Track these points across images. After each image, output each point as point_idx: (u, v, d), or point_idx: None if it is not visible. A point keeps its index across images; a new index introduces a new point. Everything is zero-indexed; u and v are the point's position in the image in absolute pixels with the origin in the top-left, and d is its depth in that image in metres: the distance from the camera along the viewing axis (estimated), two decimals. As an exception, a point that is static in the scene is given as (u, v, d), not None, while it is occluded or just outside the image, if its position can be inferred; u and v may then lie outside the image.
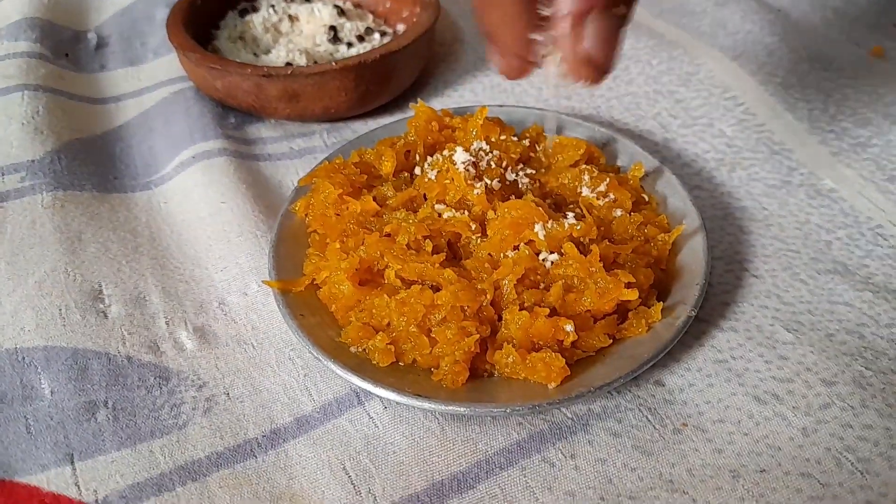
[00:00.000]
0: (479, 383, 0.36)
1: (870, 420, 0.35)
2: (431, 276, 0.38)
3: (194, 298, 0.42)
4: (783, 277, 0.42)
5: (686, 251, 0.41)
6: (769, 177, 0.48)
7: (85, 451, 0.34)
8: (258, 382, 0.38)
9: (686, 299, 0.38)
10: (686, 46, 0.58)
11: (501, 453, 0.34)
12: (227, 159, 0.49)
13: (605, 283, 0.37)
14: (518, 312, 0.36)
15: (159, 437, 0.35)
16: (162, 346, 0.39)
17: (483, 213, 0.41)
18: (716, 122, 0.52)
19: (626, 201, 0.42)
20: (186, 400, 0.37)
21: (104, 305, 0.41)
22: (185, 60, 0.54)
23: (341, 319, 0.39)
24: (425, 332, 0.37)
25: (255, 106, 0.52)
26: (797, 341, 0.38)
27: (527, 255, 0.39)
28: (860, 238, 0.45)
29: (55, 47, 0.60)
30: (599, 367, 0.36)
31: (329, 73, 0.50)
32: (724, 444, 0.34)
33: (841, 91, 0.54)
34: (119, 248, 0.44)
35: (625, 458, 0.34)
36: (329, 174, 0.44)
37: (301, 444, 0.35)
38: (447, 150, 0.44)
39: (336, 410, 0.36)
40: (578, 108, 0.55)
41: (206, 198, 0.47)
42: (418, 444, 0.35)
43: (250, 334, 0.40)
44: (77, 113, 0.54)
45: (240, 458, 0.34)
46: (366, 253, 0.39)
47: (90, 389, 0.37)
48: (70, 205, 0.46)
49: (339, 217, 0.42)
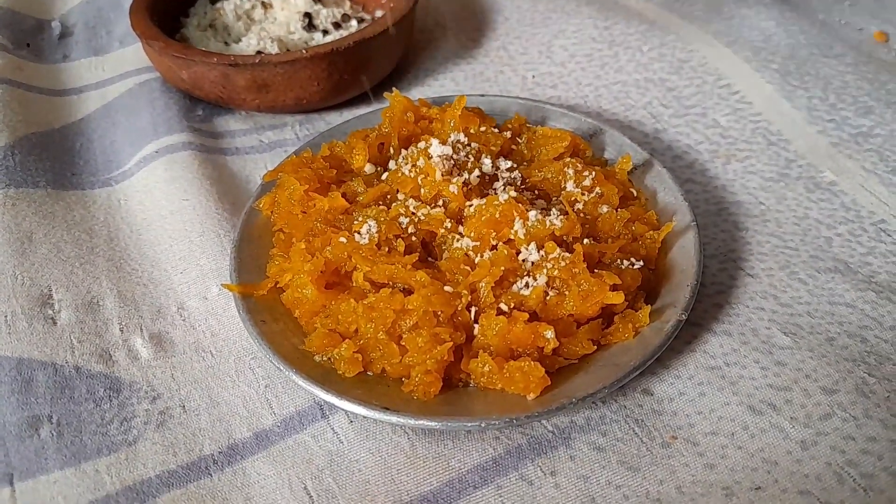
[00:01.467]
0: (453, 395, 0.34)
1: (873, 432, 0.32)
2: (403, 278, 0.36)
3: (151, 303, 0.39)
4: (780, 277, 0.40)
5: (676, 249, 0.38)
6: (766, 169, 0.46)
7: (25, 471, 0.32)
8: (216, 394, 0.35)
9: (676, 302, 0.36)
10: (678, 32, 0.55)
11: (475, 471, 0.32)
12: (191, 153, 0.46)
13: (588, 284, 0.35)
14: (495, 318, 0.34)
15: (106, 454, 0.33)
16: (114, 354, 0.36)
17: (460, 210, 0.39)
18: (709, 111, 0.50)
19: (612, 196, 0.40)
20: (138, 413, 0.34)
21: (53, 311, 0.38)
22: (148, 49, 0.51)
23: (306, 326, 0.36)
24: (395, 340, 0.34)
25: (222, 97, 0.50)
26: (795, 346, 0.36)
27: (505, 256, 0.36)
28: (862, 234, 0.42)
29: (15, 37, 0.57)
30: (582, 375, 0.34)
31: (300, 62, 0.47)
32: (716, 458, 0.32)
33: (841, 78, 0.51)
34: (73, 249, 0.41)
35: (609, 474, 0.32)
36: (296, 168, 0.41)
37: (260, 461, 0.33)
38: (423, 143, 0.42)
39: (298, 425, 0.34)
40: (564, 97, 0.52)
41: (168, 195, 0.44)
42: (385, 461, 0.32)
43: (209, 342, 0.37)
44: (35, 105, 0.51)
45: (193, 477, 0.32)
46: (332, 254, 0.37)
47: (34, 403, 0.34)
48: (22, 203, 0.43)
49: (305, 215, 0.39)
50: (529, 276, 0.36)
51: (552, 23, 0.58)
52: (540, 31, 0.57)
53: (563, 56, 0.55)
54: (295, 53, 0.47)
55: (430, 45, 0.58)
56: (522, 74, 0.54)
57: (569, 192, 0.40)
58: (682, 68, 0.53)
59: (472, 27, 0.59)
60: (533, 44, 0.56)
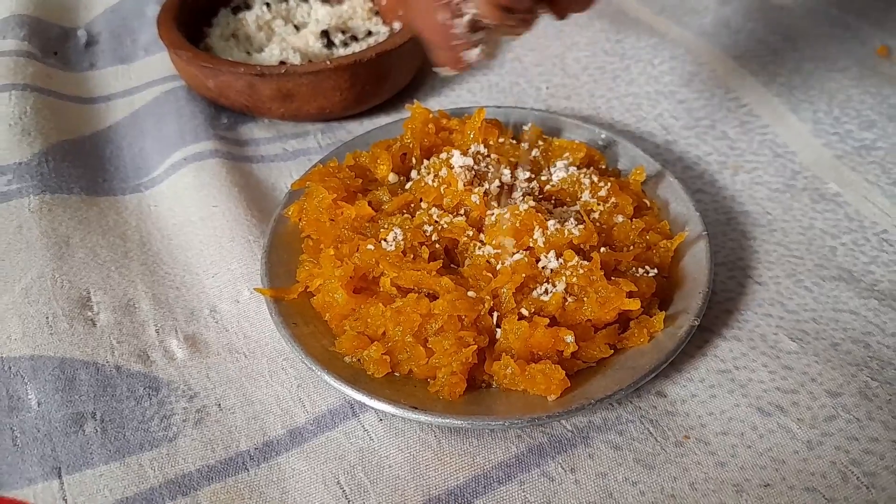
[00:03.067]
0: (477, 395, 0.36)
1: (876, 433, 0.34)
2: (428, 284, 0.37)
3: (185, 305, 0.41)
4: (787, 284, 0.41)
5: (688, 258, 0.40)
6: (772, 180, 0.48)
7: (73, 465, 0.33)
8: (250, 393, 0.37)
9: (689, 308, 0.37)
10: (688, 46, 0.57)
11: (500, 467, 0.34)
12: (219, 161, 0.48)
13: (606, 291, 0.36)
14: (517, 322, 0.36)
15: (149, 449, 0.34)
16: (152, 355, 0.38)
17: (480, 219, 0.40)
18: (718, 123, 0.51)
19: (627, 207, 0.42)
20: (177, 411, 0.36)
21: (92, 313, 0.40)
22: (176, 59, 0.53)
23: (335, 328, 0.38)
24: (422, 342, 0.36)
25: (247, 105, 0.51)
26: (801, 351, 0.38)
27: (525, 263, 0.38)
28: (865, 244, 0.44)
29: (44, 45, 0.59)
30: (600, 378, 0.36)
31: (324, 73, 0.49)
32: (727, 457, 0.34)
33: (845, 92, 0.53)
34: (108, 253, 0.43)
35: (626, 471, 0.33)
36: (323, 178, 0.43)
37: (294, 457, 0.34)
38: (444, 154, 0.43)
39: (330, 422, 0.35)
40: (578, 108, 0.54)
41: (197, 201, 0.46)
42: (414, 457, 0.34)
43: (242, 343, 0.39)
44: (65, 113, 0.53)
45: (231, 472, 0.34)
46: (360, 260, 0.38)
47: (78, 400, 0.36)
48: (58, 208, 0.45)
49: (333, 222, 0.41)
50: (549, 282, 0.38)
51: (565, 35, 0.59)
52: (553, 43, 0.59)
53: (576, 68, 0.57)
54: (319, 64, 0.49)
55: (446, 56, 0.60)
56: (537, 86, 0.56)
57: (585, 201, 0.42)
58: (691, 81, 0.54)
59: (488, 38, 0.61)
60: (547, 56, 0.58)
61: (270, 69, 0.49)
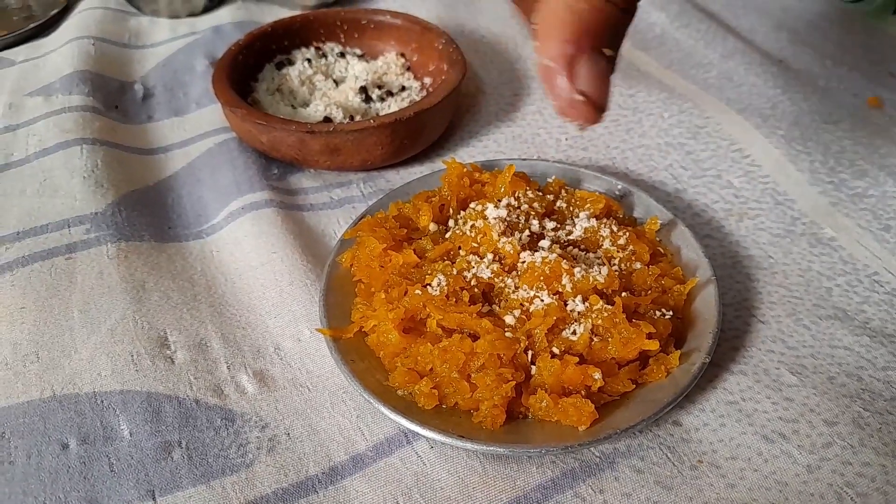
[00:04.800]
0: (516, 425, 0.40)
1: (867, 458, 0.38)
2: (470, 325, 0.42)
3: (251, 344, 0.45)
4: (787, 323, 0.46)
5: (699, 301, 0.45)
6: (774, 226, 0.53)
7: (164, 488, 0.38)
8: (315, 423, 0.41)
9: (701, 346, 0.42)
10: (695, 99, 0.62)
11: (538, 489, 0.38)
12: (274, 210, 0.53)
13: (628, 333, 0.41)
14: (550, 360, 0.40)
15: (230, 474, 0.39)
16: (225, 389, 0.43)
17: (513, 265, 0.45)
18: (724, 173, 0.56)
19: (644, 254, 0.47)
20: (251, 440, 0.40)
21: (170, 351, 0.44)
22: (230, 115, 0.58)
23: (388, 364, 0.43)
24: (465, 378, 0.41)
25: (297, 158, 0.56)
26: (801, 384, 0.42)
27: (556, 306, 0.43)
28: (858, 285, 0.48)
29: (105, 99, 0.64)
30: (623, 410, 0.40)
31: (368, 130, 0.54)
32: (736, 479, 0.38)
33: (839, 143, 0.58)
34: (179, 296, 0.48)
35: (648, 492, 0.38)
36: (372, 228, 0.48)
37: (357, 480, 0.39)
38: (479, 206, 0.48)
39: (387, 449, 0.40)
40: (594, 158, 0.59)
41: (257, 248, 0.51)
42: (463, 481, 0.39)
43: (305, 378, 0.44)
44: (130, 164, 0.58)
45: (303, 494, 0.38)
46: (409, 304, 0.43)
47: (165, 430, 0.40)
48: (132, 255, 0.50)
49: (382, 269, 0.46)
50: (577, 323, 0.43)
51: (582, 89, 0.65)
52: (571, 96, 0.64)
53: (592, 120, 0.62)
54: (364, 123, 0.54)
55: (472, 108, 0.65)
56: (556, 137, 0.61)
57: (606, 249, 0.47)
58: (699, 133, 0.60)
59: (510, 92, 0.66)
60: (565, 109, 0.63)
61: (319, 127, 0.54)
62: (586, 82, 0.36)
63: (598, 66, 0.36)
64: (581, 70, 0.35)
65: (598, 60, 0.36)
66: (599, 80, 0.36)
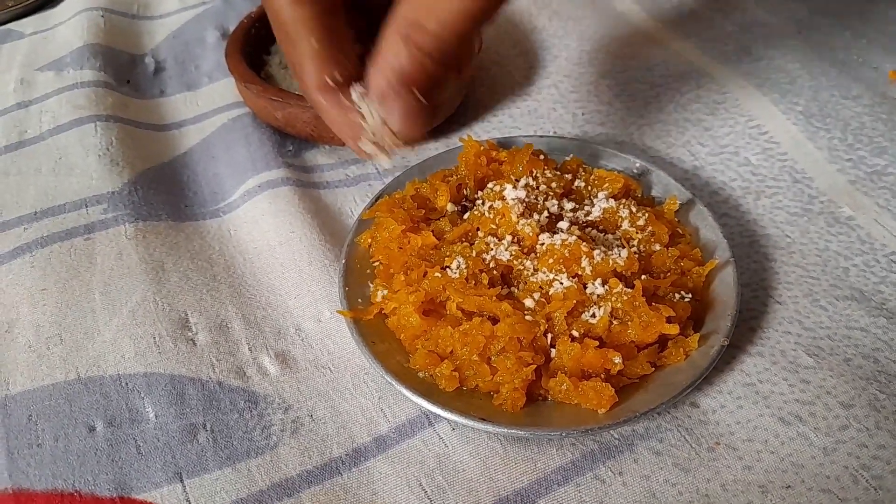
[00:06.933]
0: (535, 407, 0.41)
1: (883, 441, 0.39)
2: (490, 308, 0.43)
3: (272, 325, 0.46)
4: (804, 304, 0.46)
5: (718, 282, 0.45)
6: (791, 205, 0.52)
7: (191, 470, 0.39)
8: (337, 405, 0.42)
9: (719, 329, 0.42)
10: (713, 74, 0.62)
11: (558, 471, 0.39)
12: (290, 188, 0.53)
13: (647, 317, 0.41)
14: (570, 344, 0.41)
15: (255, 456, 0.39)
16: (247, 371, 0.43)
17: (532, 247, 0.46)
18: (741, 150, 0.56)
19: (663, 235, 0.47)
20: (275, 422, 0.41)
21: (192, 333, 0.45)
22: (245, 91, 0.57)
23: (408, 346, 0.43)
24: (486, 361, 0.41)
25: (312, 134, 0.56)
26: (818, 366, 0.43)
27: (575, 290, 0.43)
28: (875, 265, 0.49)
29: (117, 74, 0.64)
30: (643, 392, 0.41)
31: (382, 107, 0.54)
32: (753, 461, 0.39)
33: (859, 119, 0.57)
34: (199, 277, 0.48)
35: (666, 474, 0.39)
36: (391, 209, 0.48)
37: (380, 462, 0.39)
38: (497, 186, 0.48)
39: (410, 431, 0.41)
40: (612, 134, 0.58)
41: (275, 227, 0.51)
42: (484, 462, 0.39)
43: (327, 359, 0.44)
44: (145, 141, 0.58)
45: (327, 476, 0.39)
46: (429, 287, 0.44)
47: (189, 413, 0.41)
48: (150, 235, 0.50)
49: (401, 250, 0.46)
50: (596, 306, 0.43)
51: (598, 62, 0.64)
52: (587, 70, 0.64)
53: (608, 95, 0.61)
54: (379, 99, 0.54)
55: (487, 82, 0.64)
56: (573, 112, 0.61)
57: (625, 230, 0.47)
58: (717, 109, 0.59)
59: (526, 65, 0.66)
60: (581, 83, 0.63)
61: (334, 104, 0.54)
62: (397, 120, 0.38)
63: (410, 103, 0.38)
64: (391, 106, 0.38)
65: (410, 98, 0.37)
66: (411, 117, 0.38)
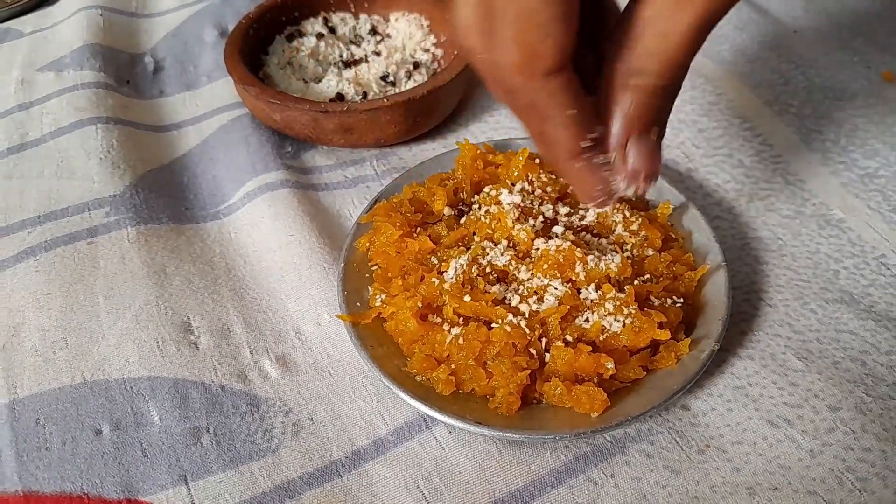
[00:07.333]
0: (530, 411, 0.42)
1: (868, 443, 0.40)
2: (486, 313, 0.43)
3: (273, 328, 0.47)
4: (795, 307, 0.47)
5: (709, 286, 0.46)
6: (783, 207, 0.53)
7: (196, 473, 0.40)
8: (337, 408, 0.43)
9: (710, 333, 0.43)
10: (708, 74, 0.62)
11: (551, 474, 0.40)
12: (290, 191, 0.54)
13: (640, 322, 0.42)
14: (564, 349, 0.42)
15: (257, 459, 0.41)
16: (249, 374, 0.44)
17: (528, 252, 0.46)
18: (735, 152, 0.57)
19: (656, 240, 0.47)
20: (276, 425, 0.42)
21: (194, 337, 0.46)
22: (243, 93, 0.58)
23: (406, 350, 0.44)
24: (482, 365, 0.42)
25: (311, 136, 0.57)
26: (806, 369, 0.43)
27: (569, 295, 0.44)
28: (865, 267, 0.49)
29: (117, 74, 0.64)
30: (634, 396, 0.42)
31: (381, 109, 0.54)
32: (741, 463, 0.40)
33: (852, 121, 0.58)
34: (200, 280, 0.49)
35: (657, 476, 0.40)
36: (388, 213, 0.48)
37: (379, 464, 0.41)
38: (493, 190, 0.49)
39: (407, 434, 0.42)
40: (607, 135, 0.59)
41: (274, 230, 0.51)
42: (480, 465, 0.40)
43: (326, 362, 0.45)
44: (145, 143, 0.58)
45: (327, 478, 0.40)
46: (426, 291, 0.44)
47: (193, 416, 0.42)
48: (152, 238, 0.51)
49: (399, 255, 0.47)
50: (589, 311, 0.44)
51: (595, 62, 0.64)
52: (584, 70, 0.64)
53: (605, 95, 0.62)
54: (377, 102, 0.54)
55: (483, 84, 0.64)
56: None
57: (619, 234, 0.48)
58: (711, 111, 0.60)
59: (523, 65, 0.66)
60: (578, 83, 0.63)
61: (333, 106, 0.54)
62: (639, 160, 0.38)
63: (648, 143, 0.38)
64: (633, 150, 0.37)
65: (647, 139, 0.38)
66: (651, 155, 0.38)
